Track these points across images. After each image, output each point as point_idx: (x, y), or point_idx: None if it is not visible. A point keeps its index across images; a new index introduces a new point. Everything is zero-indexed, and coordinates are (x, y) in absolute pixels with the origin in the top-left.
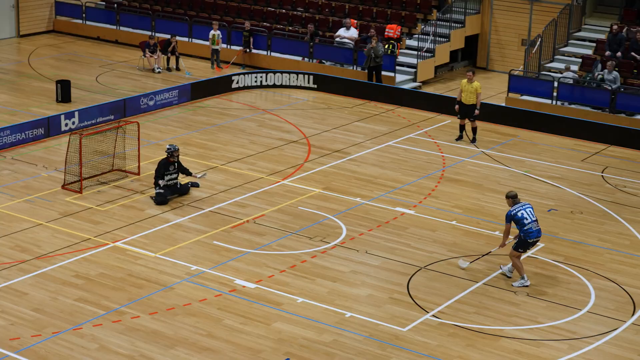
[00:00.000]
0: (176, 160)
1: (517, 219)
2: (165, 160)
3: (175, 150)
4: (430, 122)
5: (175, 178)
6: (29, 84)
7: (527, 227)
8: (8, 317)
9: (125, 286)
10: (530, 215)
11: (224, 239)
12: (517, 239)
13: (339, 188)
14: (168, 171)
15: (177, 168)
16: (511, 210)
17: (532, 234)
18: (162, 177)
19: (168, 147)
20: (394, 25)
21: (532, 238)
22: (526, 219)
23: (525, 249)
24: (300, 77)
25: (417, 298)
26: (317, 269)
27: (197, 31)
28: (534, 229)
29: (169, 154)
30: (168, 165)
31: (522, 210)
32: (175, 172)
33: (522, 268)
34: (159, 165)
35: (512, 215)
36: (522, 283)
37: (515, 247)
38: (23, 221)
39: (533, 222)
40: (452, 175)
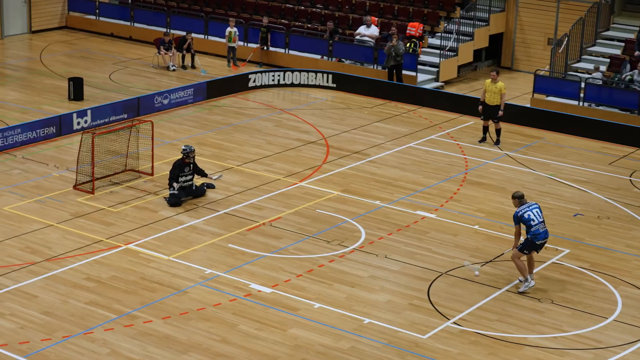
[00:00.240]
0: (192, 162)
1: (524, 220)
2: (181, 161)
3: (191, 151)
4: (453, 123)
5: (190, 180)
6: (41, 82)
7: (534, 229)
8: (17, 321)
9: (138, 290)
10: (537, 216)
11: (239, 241)
12: (524, 241)
13: (358, 190)
14: (183, 172)
15: (192, 169)
16: (518, 211)
17: (540, 235)
18: (176, 178)
19: (183, 148)
20: (416, 23)
21: (539, 240)
22: (533, 220)
23: (531, 250)
24: (319, 76)
25: (437, 304)
26: (335, 273)
27: (214, 28)
28: (542, 230)
29: (184, 155)
30: (183, 167)
31: (528, 211)
32: (191, 174)
33: (525, 269)
34: (174, 166)
35: (519, 217)
36: (527, 285)
37: (520, 249)
38: (33, 222)
39: (540, 223)
40: (474, 178)
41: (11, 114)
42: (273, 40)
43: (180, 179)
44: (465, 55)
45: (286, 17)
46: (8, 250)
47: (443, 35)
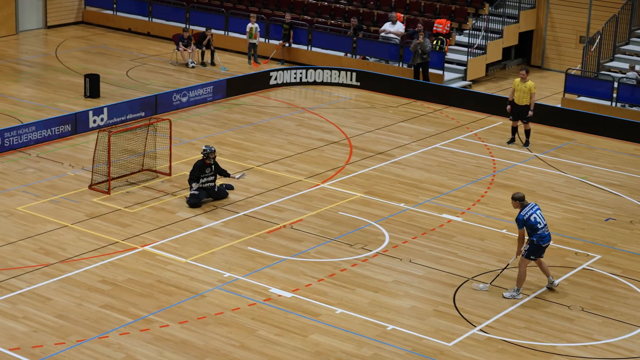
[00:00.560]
0: (212, 163)
1: (531, 223)
2: (201, 162)
3: (211, 151)
4: (481, 123)
5: (212, 181)
6: (56, 78)
7: (540, 232)
8: (31, 324)
9: (154, 293)
10: (542, 218)
11: (259, 244)
12: (528, 246)
13: (381, 192)
14: (204, 174)
15: (214, 170)
16: (522, 214)
17: (546, 238)
18: (197, 180)
19: (204, 149)
20: (443, 20)
21: (545, 242)
22: (539, 223)
23: (538, 255)
24: (342, 74)
25: (463, 311)
26: (358, 278)
27: (234, 24)
28: (546, 233)
29: (204, 156)
30: (204, 168)
31: (533, 214)
32: (212, 175)
33: (523, 280)
34: (194, 167)
35: (525, 220)
36: (514, 295)
37: (527, 255)
38: (47, 222)
39: (545, 227)
40: (503, 180)
41: (26, 111)
42: (295, 37)
43: (201, 180)
44: (494, 54)
45: (309, 13)
46: (22, 252)
47: (471, 32)
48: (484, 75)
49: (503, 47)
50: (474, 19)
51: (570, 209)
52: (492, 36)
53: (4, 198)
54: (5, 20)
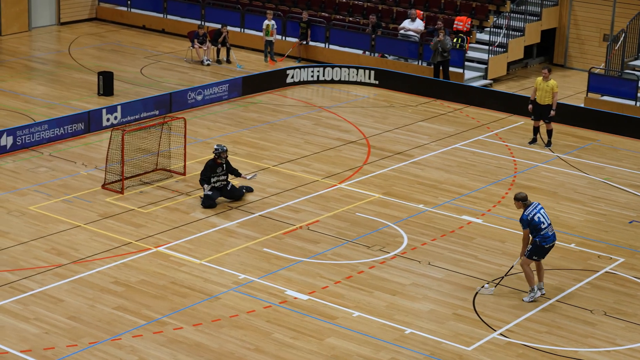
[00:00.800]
0: (224, 162)
1: (535, 223)
2: (212, 161)
3: (223, 151)
4: (502, 123)
5: (224, 180)
6: (69, 76)
7: (543, 232)
8: (42, 325)
9: (168, 295)
10: (545, 217)
11: (274, 246)
12: (531, 245)
13: (400, 193)
14: (215, 173)
15: (225, 169)
16: (526, 214)
17: (549, 238)
18: (208, 180)
19: (215, 148)
20: (464, 17)
21: (549, 243)
22: (543, 223)
23: (541, 256)
24: (360, 72)
25: (483, 315)
26: (375, 280)
27: (250, 21)
28: (550, 233)
29: (216, 155)
30: (215, 167)
31: (537, 214)
32: (224, 174)
33: (533, 278)
34: (206, 166)
35: (529, 220)
36: (532, 297)
37: (529, 255)
38: (60, 222)
39: (549, 226)
40: (524, 181)
41: (38, 109)
42: (313, 34)
43: (212, 179)
44: (516, 52)
45: (326, 10)
46: (33, 252)
47: (492, 30)
48: (505, 74)
49: (525, 45)
50: (495, 17)
51: (592, 211)
52: (513, 34)
53: (16, 197)
54: (18, 17)
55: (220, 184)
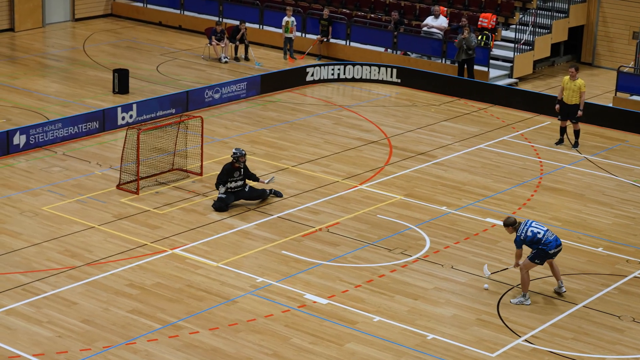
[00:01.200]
0: (242, 166)
1: (530, 239)
2: (230, 165)
3: (241, 155)
4: (527, 123)
5: (240, 185)
6: (84, 73)
7: (544, 239)
8: (55, 329)
9: (184, 298)
10: (539, 227)
11: (293, 248)
12: (535, 251)
13: (422, 195)
14: (232, 177)
15: (242, 174)
16: (518, 235)
17: (552, 243)
18: (224, 183)
19: (234, 152)
20: (489, 14)
21: (552, 248)
22: (539, 232)
23: (544, 260)
24: (382, 70)
25: (508, 320)
26: (397, 284)
27: (269, 17)
28: (551, 237)
29: (234, 159)
30: (232, 171)
31: (529, 229)
32: (241, 179)
33: (528, 284)
34: (223, 170)
35: (522, 239)
36: (522, 301)
37: (532, 258)
38: (73, 223)
39: (547, 232)
40: (550, 183)
41: (52, 108)
42: (333, 31)
43: (228, 184)
44: (542, 50)
45: (347, 7)
46: (46, 254)
47: (518, 27)
48: (531, 73)
49: (552, 43)
50: (521, 13)
51: (621, 214)
52: (540, 31)
53: (28, 197)
54: (32, 13)
55: (237, 189)
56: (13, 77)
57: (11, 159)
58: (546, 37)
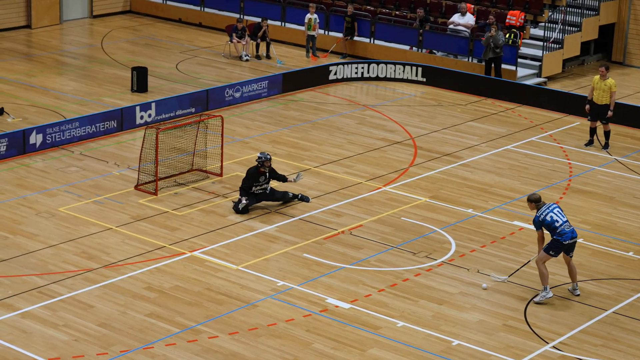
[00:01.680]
0: (267, 171)
1: (547, 223)
2: (255, 169)
3: (266, 159)
4: (556, 123)
5: (265, 189)
6: (101, 71)
7: (560, 229)
8: (72, 332)
9: (203, 301)
10: (560, 216)
11: (315, 251)
12: (550, 242)
13: (448, 197)
14: (258, 182)
15: (268, 178)
16: (537, 216)
17: (567, 235)
18: (249, 188)
19: (259, 156)
20: (517, 12)
21: (567, 240)
22: (557, 221)
23: (558, 252)
24: (407, 68)
25: (535, 326)
26: (421, 289)
27: (292, 14)
28: (567, 229)
29: (259, 164)
30: (258, 176)
31: (550, 213)
32: (266, 183)
33: (546, 277)
34: (248, 174)
35: (540, 221)
36: (544, 296)
37: (546, 249)
38: (90, 225)
39: (565, 223)
40: (579, 185)
41: (69, 106)
42: (357, 29)
43: (254, 188)
44: (572, 48)
45: (372, 4)
46: (63, 255)
47: (547, 25)
48: (560, 72)
49: (582, 41)
50: (551, 11)
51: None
52: (569, 29)
53: (45, 198)
54: (49, 9)
55: (260, 191)
56: (30, 74)
57: (27, 159)
58: (576, 35)
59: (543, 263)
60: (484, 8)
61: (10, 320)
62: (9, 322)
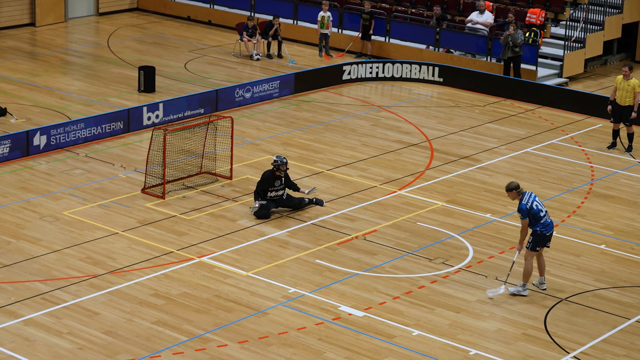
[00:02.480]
0: (283, 175)
1: (534, 212)
2: (271, 173)
3: (282, 163)
4: (578, 125)
5: (281, 194)
6: (108, 70)
7: (543, 220)
8: (76, 340)
9: (212, 309)
10: (541, 205)
11: (328, 257)
12: (531, 237)
13: (465, 201)
14: (273, 187)
15: (283, 183)
16: (524, 203)
17: (549, 226)
18: (264, 193)
19: (275, 160)
20: (537, 10)
21: (549, 230)
22: (541, 210)
23: (543, 245)
24: (423, 68)
25: (555, 335)
26: (437, 296)
27: (304, 12)
28: (549, 220)
29: (275, 167)
30: (274, 180)
31: (534, 202)
32: (282, 188)
33: (529, 275)
34: (263, 178)
35: (528, 209)
36: (519, 291)
37: (532, 247)
38: (96, 229)
39: (547, 214)
40: (602, 189)
41: (74, 107)
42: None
43: (269, 193)
44: (594, 48)
45: (387, 1)
46: (67, 261)
47: (568, 23)
48: (582, 72)
49: (604, 41)
50: (572, 9)
51: None
52: (592, 28)
53: (49, 201)
54: (54, 7)
55: (277, 196)
56: (33, 74)
57: (31, 161)
58: (598, 34)
59: (531, 261)
60: (503, 6)
61: (12, 327)
62: (11, 330)
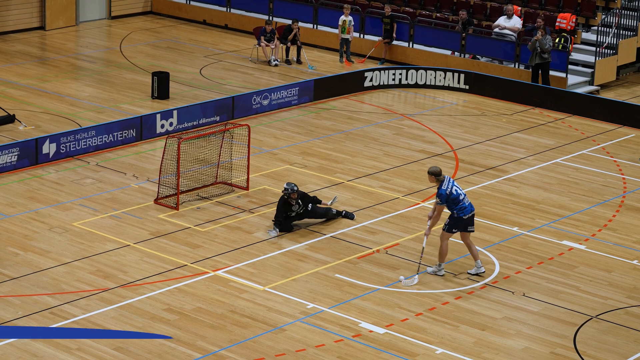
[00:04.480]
0: (297, 198)
1: (454, 197)
2: (284, 200)
3: (293, 191)
4: (610, 135)
5: (304, 211)
6: (120, 76)
7: (461, 204)
8: (86, 356)
9: (227, 325)
10: (460, 189)
11: (348, 272)
12: (448, 220)
13: (491, 214)
14: (291, 211)
15: (301, 204)
16: (444, 189)
17: (467, 208)
18: (283, 219)
19: (285, 188)
20: (568, 14)
21: (467, 214)
22: (460, 194)
23: (463, 229)
24: (448, 75)
25: (585, 355)
26: (462, 313)
27: (324, 16)
28: (467, 203)
29: (285, 196)
30: (290, 206)
31: (454, 187)
32: (302, 207)
33: (445, 255)
34: (278, 207)
35: (447, 194)
36: (436, 271)
37: (448, 229)
38: (107, 241)
39: (465, 197)
40: (634, 202)
41: (85, 114)
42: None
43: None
44: (627, 54)
45: (411, 5)
46: (77, 274)
47: (600, 29)
48: (614, 79)
49: (638, 47)
50: (604, 14)
51: None
52: (624, 34)
53: (58, 212)
54: (65, 10)
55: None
56: (43, 79)
57: (40, 170)
58: (631, 40)
59: (447, 240)
60: (532, 10)
61: (20, 343)
62: (18, 345)
